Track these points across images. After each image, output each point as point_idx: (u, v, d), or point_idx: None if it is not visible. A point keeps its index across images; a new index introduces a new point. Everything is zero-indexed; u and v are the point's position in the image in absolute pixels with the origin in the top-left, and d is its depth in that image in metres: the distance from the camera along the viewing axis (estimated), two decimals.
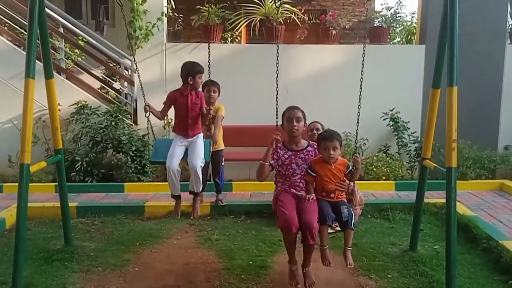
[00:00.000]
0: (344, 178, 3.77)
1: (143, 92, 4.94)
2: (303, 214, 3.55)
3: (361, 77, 4.12)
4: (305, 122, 3.92)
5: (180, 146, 4.81)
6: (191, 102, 4.77)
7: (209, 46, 4.19)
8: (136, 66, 5.05)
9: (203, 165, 4.84)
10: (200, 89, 5.00)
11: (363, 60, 4.11)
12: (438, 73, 4.06)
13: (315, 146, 3.88)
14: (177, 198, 4.94)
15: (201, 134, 4.93)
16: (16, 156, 7.12)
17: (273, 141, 3.78)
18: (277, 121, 3.94)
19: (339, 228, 4.87)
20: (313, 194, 3.73)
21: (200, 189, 4.96)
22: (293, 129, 3.82)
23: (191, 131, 4.83)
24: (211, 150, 5.08)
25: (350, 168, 3.80)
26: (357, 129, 4.08)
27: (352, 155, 3.90)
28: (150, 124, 5.01)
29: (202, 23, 7.67)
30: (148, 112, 4.80)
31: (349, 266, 3.67)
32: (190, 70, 4.72)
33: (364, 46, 4.21)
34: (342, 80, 7.47)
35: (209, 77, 4.28)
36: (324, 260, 3.64)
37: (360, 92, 4.10)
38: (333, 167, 3.73)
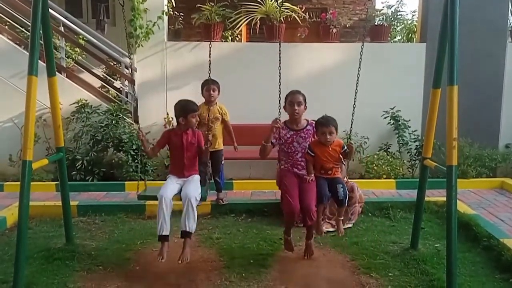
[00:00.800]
0: (340, 156, 4.19)
1: (136, 113, 4.79)
2: (303, 197, 4.00)
3: (358, 74, 4.25)
4: (305, 105, 4.24)
5: (174, 182, 4.35)
6: (187, 142, 4.33)
7: (210, 45, 4.17)
8: (131, 66, 4.97)
9: (198, 199, 4.23)
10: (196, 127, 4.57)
11: (360, 58, 4.19)
12: (439, 72, 4.05)
13: (314, 125, 4.25)
14: (164, 239, 4.09)
15: (197, 176, 4.46)
16: (17, 155, 7.14)
17: (273, 127, 4.11)
18: (279, 111, 4.22)
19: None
20: (313, 176, 4.14)
21: (194, 229, 4.18)
22: (294, 112, 4.19)
23: (187, 172, 4.38)
24: (208, 187, 4.71)
25: (345, 148, 4.17)
26: (353, 118, 4.30)
27: (347, 140, 4.29)
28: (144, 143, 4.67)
29: (202, 21, 7.66)
30: (141, 140, 4.42)
31: (340, 234, 4.29)
32: (181, 110, 4.31)
33: (362, 45, 4.27)
34: (343, 78, 7.45)
35: (209, 76, 4.25)
36: (317, 230, 4.24)
37: (356, 87, 4.26)
38: (330, 148, 4.14)
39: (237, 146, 5.95)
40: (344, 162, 4.40)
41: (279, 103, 4.21)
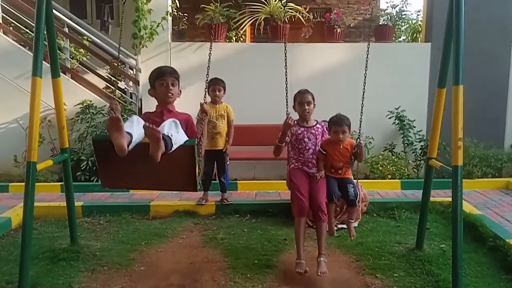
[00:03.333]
0: (351, 156, 4.18)
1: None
2: (313, 195, 4.02)
3: (365, 73, 4.19)
4: (314, 103, 4.35)
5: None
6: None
7: (211, 46, 4.15)
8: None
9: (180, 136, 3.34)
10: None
11: (367, 58, 4.13)
12: (444, 71, 4.03)
13: (323, 124, 4.38)
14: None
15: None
16: (22, 155, 7.15)
17: (288, 126, 4.08)
18: (288, 112, 4.15)
19: (342, 226, 4.92)
20: (323, 172, 4.16)
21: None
22: (304, 112, 4.30)
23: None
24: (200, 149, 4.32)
25: (356, 148, 4.15)
26: (361, 118, 4.24)
27: (356, 140, 4.23)
28: None
29: (206, 22, 7.67)
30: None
31: (352, 237, 4.28)
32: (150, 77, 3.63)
33: (369, 45, 4.22)
34: (347, 78, 7.46)
35: (207, 75, 4.22)
36: (330, 231, 4.16)
37: (364, 85, 4.17)
38: (341, 147, 4.15)
39: (228, 148, 5.86)
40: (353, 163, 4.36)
41: (287, 102, 4.21)
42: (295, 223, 4.01)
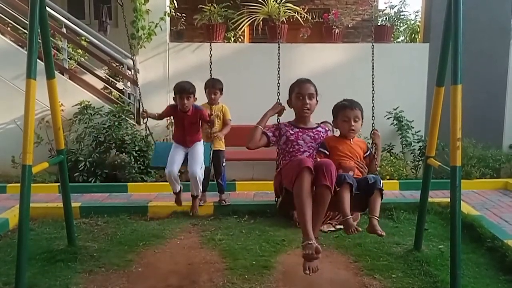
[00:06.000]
0: (364, 160, 3.29)
1: (141, 100, 4.92)
2: (317, 171, 2.97)
3: (372, 75, 3.92)
4: (317, 99, 3.45)
5: (180, 152, 4.84)
6: (188, 122, 4.80)
7: (210, 46, 4.15)
8: (134, 67, 5.03)
9: (203, 170, 4.87)
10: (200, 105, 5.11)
11: (372, 60, 3.98)
12: (442, 71, 4.03)
13: (327, 128, 3.49)
14: (178, 193, 5.08)
15: (201, 141, 4.92)
16: (19, 156, 7.09)
17: (275, 108, 3.34)
18: (278, 119, 3.54)
19: (340, 226, 4.86)
20: None
21: (200, 192, 5.09)
22: (304, 108, 3.33)
23: (190, 142, 4.88)
24: (211, 154, 5.05)
25: (371, 149, 3.37)
26: (373, 105, 3.75)
27: (371, 132, 3.43)
28: (149, 129, 4.98)
29: (205, 22, 7.66)
30: (146, 118, 4.77)
31: (382, 235, 3.11)
32: (174, 90, 4.77)
33: (373, 46, 4.08)
34: (346, 78, 7.45)
35: (210, 76, 4.25)
36: (349, 227, 2.99)
37: (373, 87, 3.88)
38: (351, 142, 3.34)
39: (219, 135, 5.51)
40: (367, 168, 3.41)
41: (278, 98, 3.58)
42: (295, 186, 2.93)
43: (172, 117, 4.98)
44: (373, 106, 3.75)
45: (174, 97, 4.65)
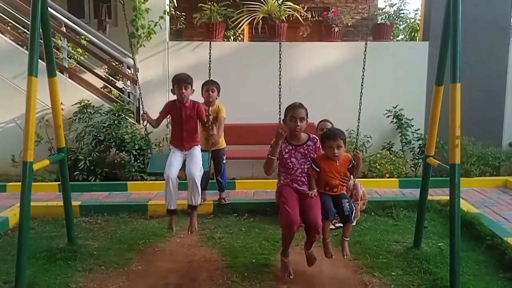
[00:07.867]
0: (347, 172, 3.89)
1: (140, 99, 4.91)
2: (307, 212, 3.69)
3: (362, 74, 4.09)
4: (307, 120, 3.95)
5: (178, 157, 4.56)
6: (185, 115, 4.52)
7: (210, 45, 4.15)
8: (134, 66, 5.02)
9: (201, 175, 4.54)
10: (200, 100, 4.86)
11: (364, 58, 4.07)
12: (442, 69, 4.03)
13: (316, 140, 3.99)
14: (172, 213, 4.50)
15: (198, 146, 4.70)
16: (19, 155, 7.13)
17: (280, 136, 3.80)
18: (280, 118, 3.96)
19: (340, 224, 4.89)
20: (315, 190, 3.83)
21: (199, 202, 4.56)
22: (296, 128, 3.88)
23: (187, 144, 4.57)
24: (210, 162, 4.91)
25: (353, 162, 3.90)
26: (358, 125, 4.15)
27: (353, 151, 3.99)
28: (146, 129, 4.94)
29: (204, 21, 7.66)
30: (145, 121, 4.61)
31: (345, 257, 3.88)
32: (173, 81, 4.54)
33: (366, 44, 4.13)
34: (345, 77, 7.45)
35: (209, 74, 4.24)
36: (327, 253, 3.82)
37: (361, 89, 4.07)
38: (337, 163, 3.85)
39: (214, 137, 5.45)
40: (351, 177, 4.06)
41: (279, 108, 3.93)
42: (282, 235, 3.84)
43: (170, 117, 4.86)
44: (359, 108, 4.02)
45: (172, 88, 4.57)
